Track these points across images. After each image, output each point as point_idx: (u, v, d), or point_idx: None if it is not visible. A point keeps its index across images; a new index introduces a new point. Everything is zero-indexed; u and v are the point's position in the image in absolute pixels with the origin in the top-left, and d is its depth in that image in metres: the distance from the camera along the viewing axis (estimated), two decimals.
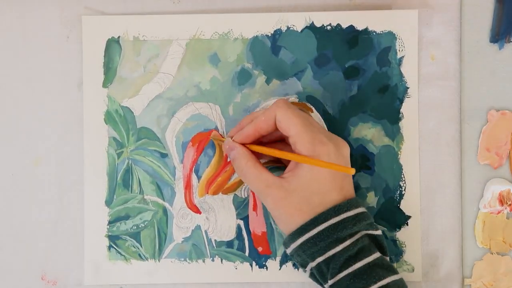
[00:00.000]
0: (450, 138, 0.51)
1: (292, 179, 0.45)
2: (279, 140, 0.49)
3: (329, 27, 0.51)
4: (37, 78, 0.52)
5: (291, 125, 0.45)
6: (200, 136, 0.52)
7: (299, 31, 0.51)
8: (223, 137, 0.51)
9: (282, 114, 0.45)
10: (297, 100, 0.51)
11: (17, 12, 0.52)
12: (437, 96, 0.52)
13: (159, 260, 0.51)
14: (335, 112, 0.51)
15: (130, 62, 0.52)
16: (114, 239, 0.51)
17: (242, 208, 0.51)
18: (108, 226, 0.51)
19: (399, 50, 0.51)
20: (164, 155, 0.52)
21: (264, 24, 0.51)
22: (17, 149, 0.52)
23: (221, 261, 0.51)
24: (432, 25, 0.52)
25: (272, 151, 0.47)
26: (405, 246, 0.51)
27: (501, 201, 0.51)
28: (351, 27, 0.51)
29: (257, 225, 0.51)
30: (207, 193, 0.52)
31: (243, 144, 0.47)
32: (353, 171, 0.44)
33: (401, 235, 0.51)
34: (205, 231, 0.51)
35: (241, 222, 0.51)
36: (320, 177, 0.44)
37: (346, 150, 0.46)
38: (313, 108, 0.51)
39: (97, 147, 0.52)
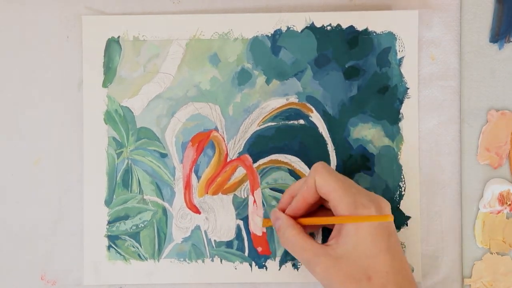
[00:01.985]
0: (450, 138, 0.51)
1: (337, 245, 0.44)
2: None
3: (329, 28, 0.51)
4: (37, 78, 0.52)
5: (331, 190, 0.44)
6: (200, 136, 0.52)
7: (299, 31, 0.51)
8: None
9: (321, 179, 0.45)
10: (297, 100, 0.51)
11: (17, 12, 0.52)
12: (437, 96, 0.52)
13: (158, 260, 0.51)
14: (335, 112, 0.51)
15: (130, 62, 0.52)
16: (113, 239, 0.51)
17: (241, 208, 0.51)
18: (107, 226, 0.51)
19: (399, 51, 0.51)
20: (163, 155, 0.52)
21: (264, 24, 0.51)
22: (17, 149, 0.52)
23: (221, 261, 0.51)
24: (432, 25, 0.52)
25: (318, 219, 0.47)
26: (405, 247, 0.51)
27: (501, 201, 0.51)
28: (351, 27, 0.51)
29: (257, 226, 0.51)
30: (207, 193, 0.52)
31: (294, 218, 0.47)
32: (391, 218, 0.44)
33: (401, 235, 0.51)
34: (205, 231, 0.51)
35: (241, 222, 0.51)
36: (365, 240, 0.43)
37: (388, 208, 0.46)
38: (313, 109, 0.51)
39: (96, 147, 0.52)
